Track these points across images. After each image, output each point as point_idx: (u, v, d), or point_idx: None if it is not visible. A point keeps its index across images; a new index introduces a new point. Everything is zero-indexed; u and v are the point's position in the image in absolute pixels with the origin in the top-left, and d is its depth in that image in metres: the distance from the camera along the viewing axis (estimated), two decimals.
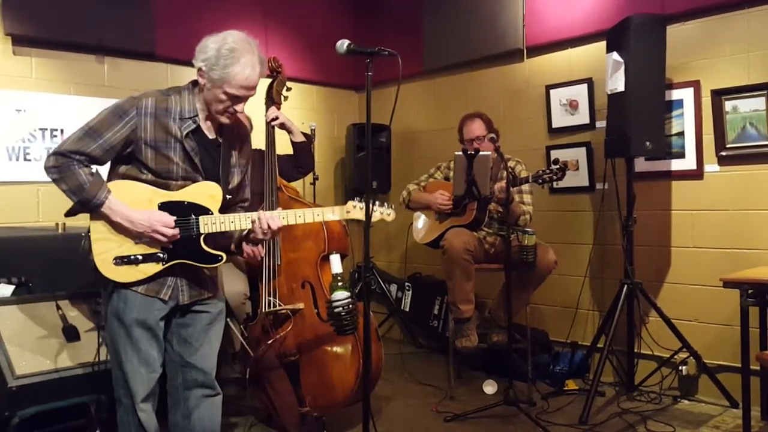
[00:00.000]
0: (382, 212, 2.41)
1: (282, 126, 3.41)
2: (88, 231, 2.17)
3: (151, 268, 2.19)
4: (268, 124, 3.36)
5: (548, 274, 3.74)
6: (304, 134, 3.59)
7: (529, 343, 3.87)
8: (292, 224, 3.14)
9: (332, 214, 2.40)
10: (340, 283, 2.72)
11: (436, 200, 3.90)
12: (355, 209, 2.38)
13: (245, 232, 2.34)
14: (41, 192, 3.75)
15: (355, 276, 5.05)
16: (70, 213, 2.19)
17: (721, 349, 3.60)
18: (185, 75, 4.20)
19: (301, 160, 3.55)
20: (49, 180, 2.12)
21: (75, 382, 2.62)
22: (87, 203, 2.11)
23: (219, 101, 2.19)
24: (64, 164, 2.10)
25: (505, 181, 3.43)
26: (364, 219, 2.34)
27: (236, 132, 2.37)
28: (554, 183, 3.59)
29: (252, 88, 2.21)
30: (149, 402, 2.26)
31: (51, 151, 2.13)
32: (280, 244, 3.17)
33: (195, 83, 2.26)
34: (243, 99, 2.21)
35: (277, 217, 2.30)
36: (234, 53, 2.13)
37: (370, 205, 2.35)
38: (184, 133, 2.20)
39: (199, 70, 2.18)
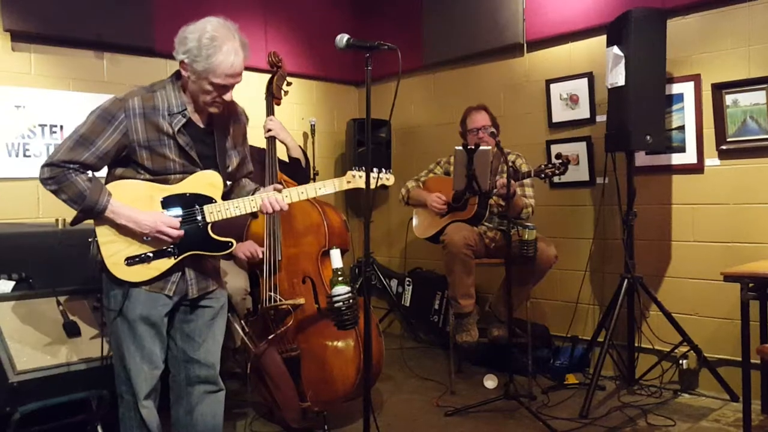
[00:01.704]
0: (381, 177, 2.41)
1: (275, 137, 3.38)
2: (95, 236, 2.16)
3: (164, 264, 2.18)
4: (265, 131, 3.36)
5: (549, 269, 3.74)
6: (302, 153, 3.56)
7: (530, 337, 3.87)
8: (293, 218, 3.19)
9: (334, 185, 2.40)
10: (340, 278, 2.72)
11: (432, 202, 3.91)
12: (356, 178, 2.39)
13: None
14: (41, 188, 3.67)
15: (355, 271, 5.06)
16: (75, 222, 2.17)
17: (722, 342, 3.60)
18: None
19: (293, 176, 3.49)
20: None
21: (76, 377, 2.62)
22: (90, 210, 2.09)
23: (205, 92, 2.15)
24: (59, 174, 2.07)
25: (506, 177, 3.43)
26: (365, 187, 2.33)
27: (227, 114, 2.32)
28: (557, 177, 3.58)
29: (238, 75, 2.16)
30: (151, 398, 2.26)
31: (44, 163, 2.09)
32: (281, 239, 3.17)
33: (178, 75, 2.22)
34: (229, 87, 2.17)
35: (278, 200, 2.28)
36: (215, 41, 2.09)
37: (370, 179, 2.34)
38: (176, 128, 2.17)
39: (182, 62, 2.14)
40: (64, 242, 3.09)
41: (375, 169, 2.40)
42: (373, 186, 2.37)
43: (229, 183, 2.32)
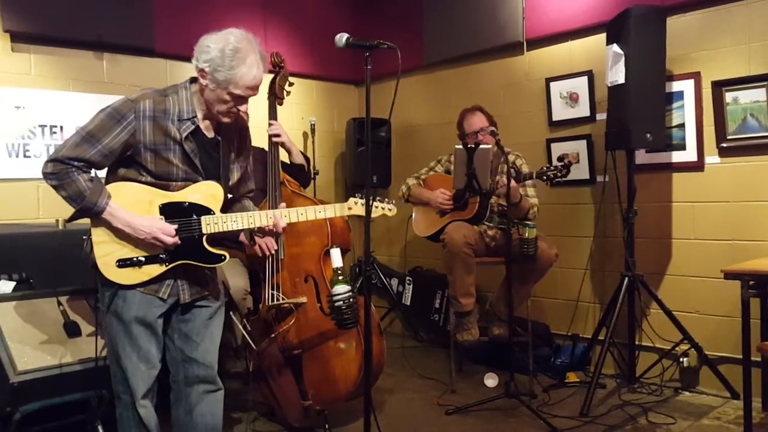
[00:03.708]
0: (383, 207, 2.44)
1: (282, 145, 3.42)
2: (90, 234, 2.16)
3: (155, 270, 2.18)
4: (270, 136, 3.37)
5: (549, 267, 3.74)
6: (305, 159, 3.60)
7: (530, 336, 3.87)
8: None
9: (334, 210, 2.41)
10: (340, 277, 2.72)
11: (436, 199, 3.90)
12: (357, 205, 2.42)
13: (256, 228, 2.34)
14: (41, 189, 3.75)
15: (356, 270, 5.06)
16: (72, 219, 2.18)
17: (722, 340, 3.60)
18: (185, 71, 4.19)
19: (294, 178, 3.51)
20: None
21: (76, 377, 2.63)
22: (88, 210, 2.10)
23: (222, 102, 2.16)
24: (62, 171, 2.07)
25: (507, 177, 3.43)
26: (364, 215, 2.35)
27: (234, 127, 2.35)
28: (560, 179, 3.55)
29: (257, 88, 2.19)
30: (148, 398, 2.26)
31: (48, 158, 2.10)
32: (283, 238, 3.18)
33: (192, 80, 2.23)
34: (247, 99, 2.19)
35: (281, 218, 2.31)
36: (239, 53, 2.10)
37: (371, 200, 2.36)
38: (184, 135, 2.17)
39: (201, 71, 2.14)
40: (65, 242, 3.09)
41: (378, 198, 2.47)
42: (374, 215, 2.41)
43: (230, 196, 2.33)
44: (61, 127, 3.87)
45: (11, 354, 2.52)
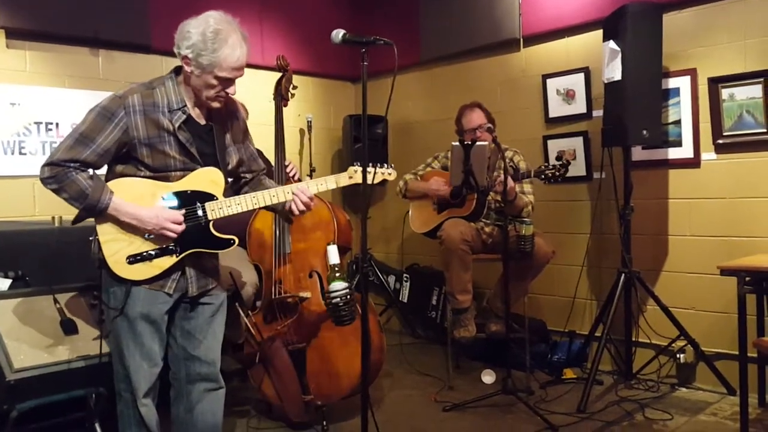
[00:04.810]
0: (383, 172, 2.43)
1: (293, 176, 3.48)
2: (96, 234, 2.15)
3: (166, 262, 2.17)
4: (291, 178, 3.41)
5: (546, 264, 3.74)
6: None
7: (527, 332, 3.88)
8: (301, 215, 3.20)
9: (336, 181, 2.40)
10: (337, 274, 2.73)
11: (430, 187, 3.91)
12: (357, 173, 2.38)
13: (288, 208, 2.33)
14: (37, 186, 3.67)
15: (353, 267, 5.06)
16: (76, 220, 2.16)
17: (719, 336, 3.61)
18: None
19: None
20: None
21: (73, 375, 2.62)
22: (92, 208, 2.08)
23: (210, 87, 2.14)
24: (60, 173, 2.05)
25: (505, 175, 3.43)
26: (367, 182, 2.33)
27: (225, 111, 2.32)
28: (558, 178, 3.52)
29: (242, 68, 2.16)
30: (150, 396, 2.25)
31: (44, 163, 2.07)
32: (290, 233, 3.18)
33: (177, 71, 2.22)
34: (233, 81, 2.17)
35: (308, 189, 2.30)
36: (220, 35, 2.08)
37: (374, 167, 2.37)
38: (176, 125, 2.16)
39: (185, 58, 2.12)
40: (61, 240, 3.08)
41: (377, 164, 2.41)
42: (375, 180, 2.40)
43: (230, 180, 2.32)
44: (57, 124, 3.85)
45: (8, 352, 2.51)
